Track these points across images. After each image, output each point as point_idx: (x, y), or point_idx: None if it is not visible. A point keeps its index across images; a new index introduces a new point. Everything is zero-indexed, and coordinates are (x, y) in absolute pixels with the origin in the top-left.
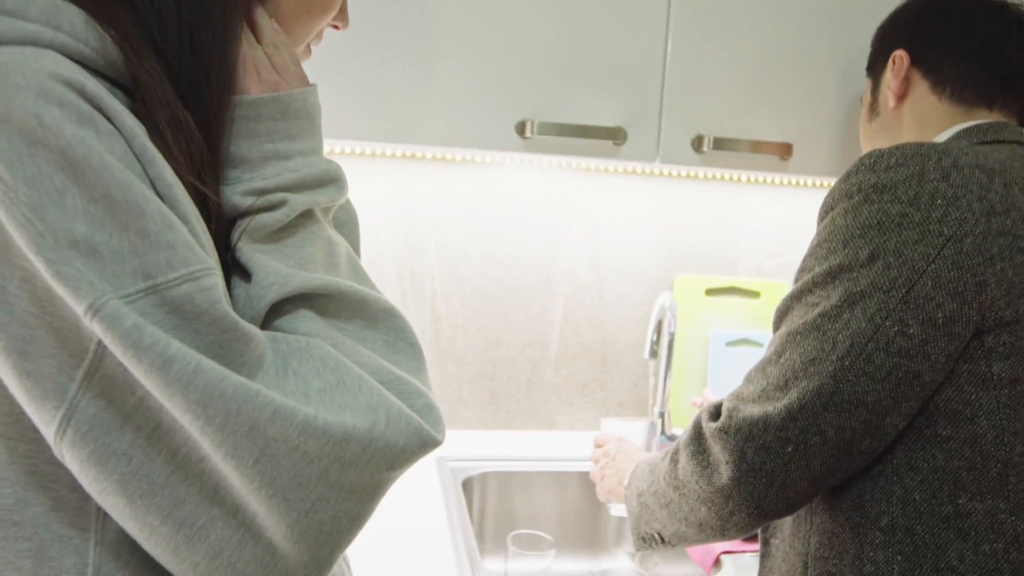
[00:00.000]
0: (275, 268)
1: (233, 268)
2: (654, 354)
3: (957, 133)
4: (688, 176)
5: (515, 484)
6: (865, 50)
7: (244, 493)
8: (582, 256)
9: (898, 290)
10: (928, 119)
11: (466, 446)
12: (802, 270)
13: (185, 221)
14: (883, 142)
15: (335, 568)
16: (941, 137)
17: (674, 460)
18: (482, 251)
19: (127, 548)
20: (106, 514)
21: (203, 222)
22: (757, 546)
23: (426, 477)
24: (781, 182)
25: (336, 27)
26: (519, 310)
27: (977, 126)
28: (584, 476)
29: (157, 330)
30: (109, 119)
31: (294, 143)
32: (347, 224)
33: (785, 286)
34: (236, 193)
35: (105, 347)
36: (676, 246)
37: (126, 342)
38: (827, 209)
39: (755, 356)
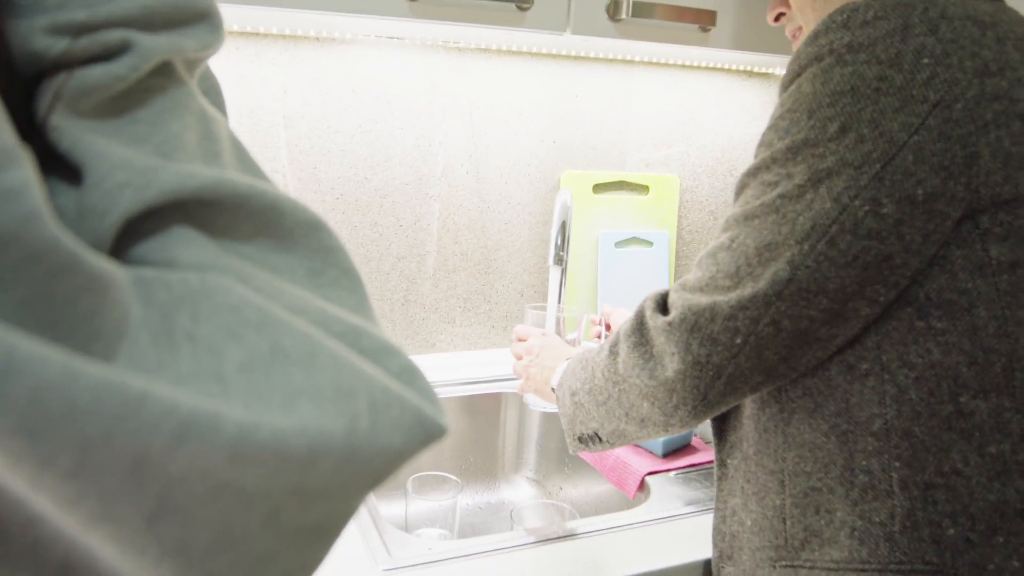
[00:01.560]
0: (124, 158)
1: (46, 162)
2: (559, 260)
3: None
4: (575, 56)
5: None
6: None
7: (126, 572)
8: (459, 153)
9: (871, 165)
10: None
11: None
12: (760, 145)
13: None
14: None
15: None
16: None
17: (613, 353)
18: (343, 149)
19: None
20: None
21: None
22: (681, 463)
23: None
24: (673, 62)
25: None
26: (390, 218)
27: None
28: (472, 400)
29: None
30: None
31: None
32: (210, 94)
33: (673, 179)
34: (37, 30)
35: None
36: (561, 138)
37: None
38: (792, 76)
39: (645, 255)
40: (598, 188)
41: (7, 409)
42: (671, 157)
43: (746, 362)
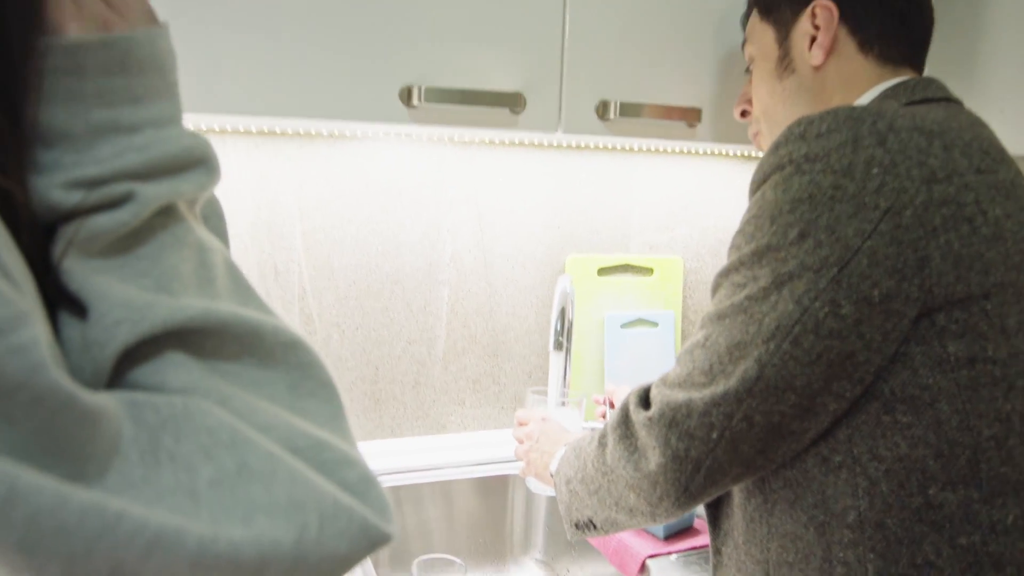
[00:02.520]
0: (122, 296)
1: (59, 300)
2: (560, 346)
3: (884, 92)
4: (576, 147)
5: (405, 499)
6: None
7: None
8: (467, 240)
9: (829, 269)
10: (854, 79)
11: None
12: (731, 248)
13: None
14: (803, 105)
15: None
16: (867, 96)
17: (602, 444)
18: (355, 239)
19: None
20: None
21: (6, 236)
22: (682, 545)
23: None
24: (671, 150)
25: None
26: (400, 303)
27: (903, 83)
28: (483, 482)
29: None
30: None
31: (140, 108)
32: (211, 219)
33: (677, 261)
34: (54, 185)
35: None
36: (566, 223)
37: None
38: (757, 184)
39: (651, 336)
40: (603, 271)
41: (9, 530)
42: (674, 239)
43: (723, 455)
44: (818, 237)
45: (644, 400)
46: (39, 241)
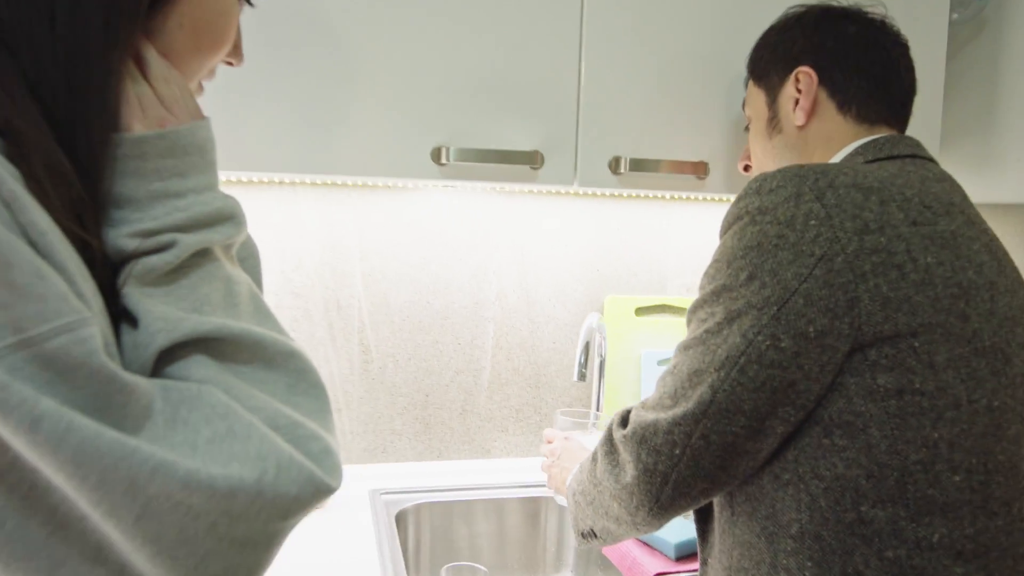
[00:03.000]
0: (163, 313)
1: (121, 315)
2: (582, 377)
3: (855, 149)
4: (612, 196)
5: (451, 515)
6: None
7: (128, 551)
8: (511, 280)
9: (770, 307)
10: (834, 137)
11: (400, 478)
12: (699, 287)
13: (61, 270)
14: (789, 159)
15: None
16: (842, 153)
17: (594, 460)
18: (409, 278)
19: None
20: None
21: (84, 269)
22: (693, 566)
23: (359, 511)
24: (705, 198)
25: (230, 63)
26: (449, 337)
27: (874, 141)
28: (522, 502)
29: (26, 387)
30: None
31: (185, 180)
32: (248, 260)
33: None
34: (121, 236)
35: None
36: (604, 267)
37: None
38: (722, 231)
39: None
40: (640, 311)
41: (66, 450)
42: None
43: (687, 470)
44: (763, 279)
45: (623, 420)
46: (109, 274)
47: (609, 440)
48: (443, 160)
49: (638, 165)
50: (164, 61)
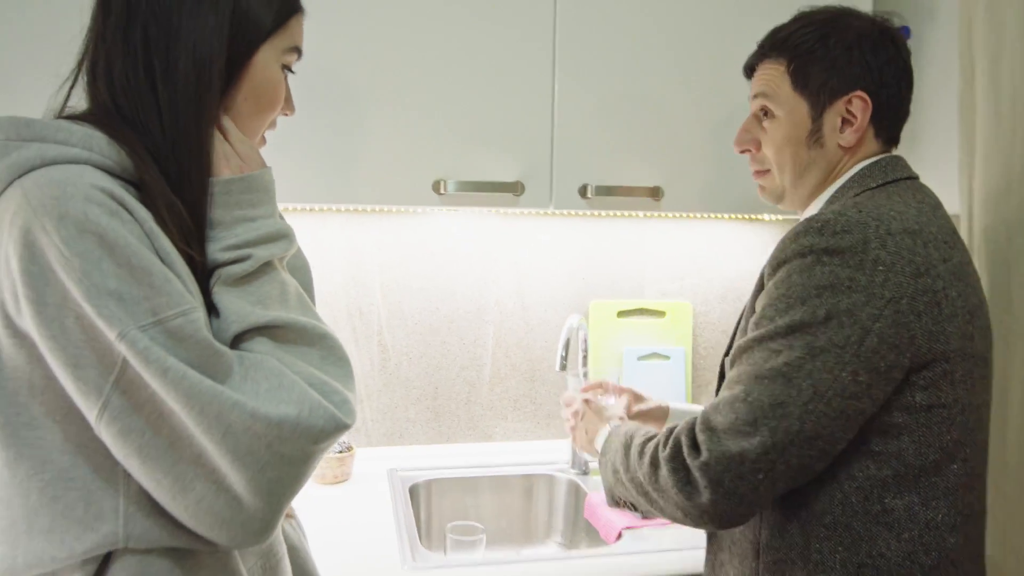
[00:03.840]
0: (237, 308)
1: (212, 307)
2: (563, 367)
3: (861, 170)
4: (590, 215)
5: (457, 489)
6: (723, 107)
7: (216, 457)
8: (508, 289)
9: (851, 346)
10: (862, 155)
11: (413, 459)
12: (763, 317)
13: (179, 276)
14: (819, 171)
15: (292, 535)
16: (854, 170)
17: (654, 466)
18: (421, 288)
19: (144, 497)
20: (128, 473)
21: (192, 275)
22: (658, 522)
23: (379, 485)
24: (664, 215)
25: (286, 114)
26: (455, 338)
27: (877, 163)
28: (518, 479)
29: (160, 349)
30: (129, 211)
31: (256, 209)
32: (301, 270)
33: (686, 305)
34: (216, 250)
35: (127, 361)
36: (589, 275)
37: (139, 357)
38: (778, 263)
39: (664, 367)
40: (621, 314)
41: (182, 390)
42: (684, 288)
43: (764, 491)
44: (840, 319)
45: (694, 445)
46: (206, 279)
47: (678, 458)
48: (442, 191)
49: (603, 191)
50: (237, 130)
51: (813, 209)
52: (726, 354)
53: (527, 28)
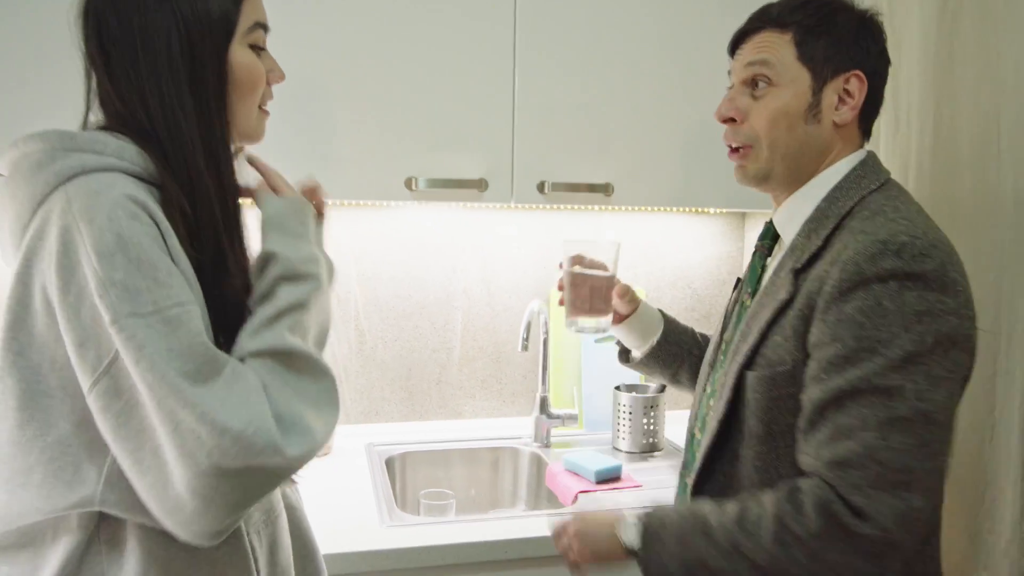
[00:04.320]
0: (255, 328)
1: (212, 308)
2: (525, 348)
3: (863, 165)
4: (555, 208)
5: (429, 462)
6: (670, 109)
7: (166, 452)
8: (474, 276)
9: (960, 370)
10: (848, 142)
11: (389, 434)
12: (864, 349)
13: (183, 272)
14: (810, 152)
15: (291, 496)
16: (847, 162)
17: (783, 543)
18: (394, 277)
19: (122, 473)
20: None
21: (193, 275)
22: (611, 487)
23: (357, 459)
24: (615, 208)
25: (278, 81)
26: (427, 323)
27: (866, 162)
28: (486, 451)
29: (145, 338)
30: (149, 214)
31: (307, 232)
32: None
33: (640, 291)
34: (292, 263)
35: (119, 351)
36: (550, 264)
37: (124, 344)
38: (852, 285)
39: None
40: None
41: (149, 375)
42: (638, 275)
43: (931, 515)
44: (946, 345)
45: (854, 511)
46: (210, 282)
47: (842, 532)
48: (413, 187)
49: (560, 187)
50: (271, 169)
51: (803, 198)
52: (711, 359)
53: (490, 40)
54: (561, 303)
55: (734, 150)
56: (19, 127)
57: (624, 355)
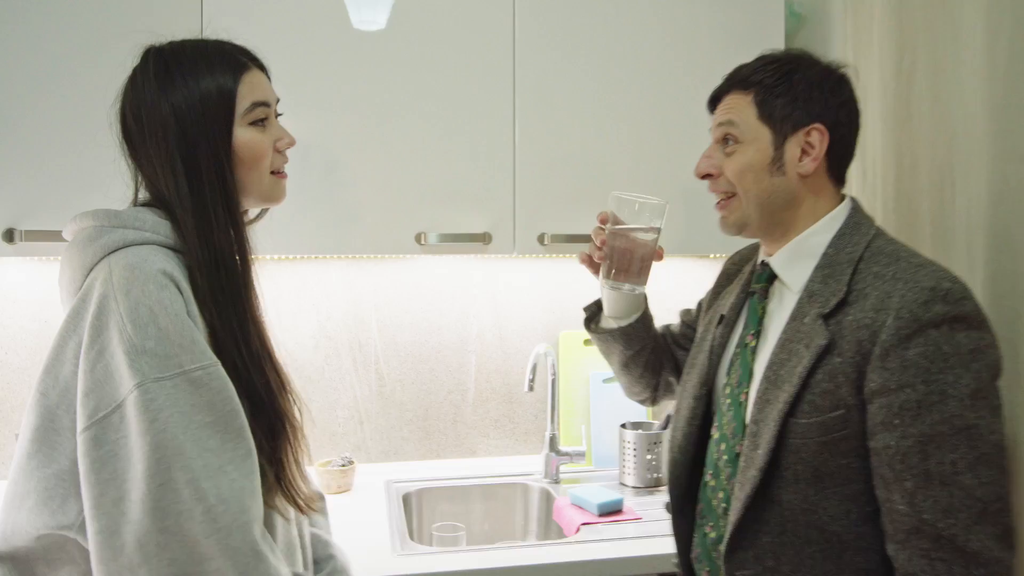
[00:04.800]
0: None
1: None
2: (531, 388)
3: (855, 214)
4: (558, 256)
5: (444, 498)
6: (662, 164)
7: (133, 503)
8: (487, 322)
9: (1001, 400)
10: (821, 194)
11: (407, 472)
12: (933, 392)
13: (202, 336)
14: (781, 200)
15: (303, 537)
16: (840, 211)
17: None
18: (411, 323)
19: None
20: None
21: (208, 333)
22: (612, 519)
23: (376, 496)
24: None
25: (287, 147)
26: (442, 366)
27: (857, 208)
28: (498, 488)
29: (168, 400)
30: (177, 286)
31: None
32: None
33: None
34: None
35: (125, 405)
36: (558, 309)
37: (141, 403)
38: (911, 332)
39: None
40: (587, 342)
41: (154, 441)
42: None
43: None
44: (995, 376)
45: (973, 554)
46: (220, 347)
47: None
48: (423, 241)
49: (557, 238)
50: None
51: (804, 244)
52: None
53: (491, 107)
54: (594, 259)
55: (719, 202)
56: (86, 197)
57: (591, 321)
